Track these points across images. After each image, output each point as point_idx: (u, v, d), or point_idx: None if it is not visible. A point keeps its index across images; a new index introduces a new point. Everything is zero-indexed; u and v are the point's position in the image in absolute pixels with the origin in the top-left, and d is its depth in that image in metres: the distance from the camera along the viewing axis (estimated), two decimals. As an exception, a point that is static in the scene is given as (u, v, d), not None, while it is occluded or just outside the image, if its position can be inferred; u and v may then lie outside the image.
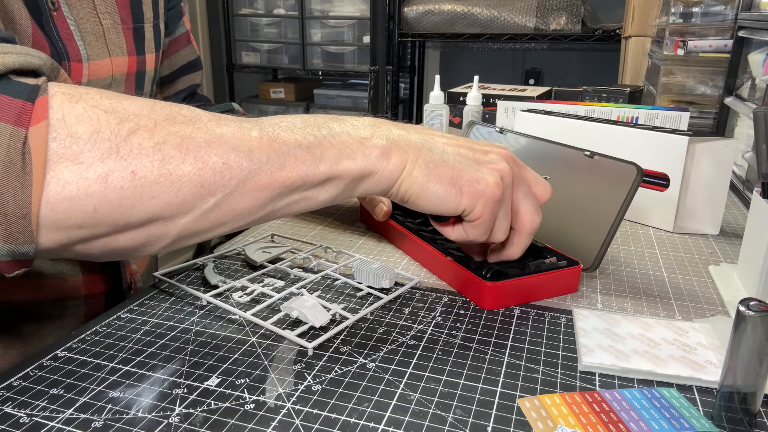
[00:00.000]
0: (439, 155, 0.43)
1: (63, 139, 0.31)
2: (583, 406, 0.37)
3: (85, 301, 0.57)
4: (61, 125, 0.31)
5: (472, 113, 1.15)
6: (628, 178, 0.54)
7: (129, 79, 0.60)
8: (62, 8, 0.52)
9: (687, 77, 1.21)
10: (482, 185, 0.43)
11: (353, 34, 2.77)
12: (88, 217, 0.32)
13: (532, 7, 2.31)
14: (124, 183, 0.32)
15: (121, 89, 0.59)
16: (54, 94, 0.32)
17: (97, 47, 0.55)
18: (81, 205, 0.32)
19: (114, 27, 0.57)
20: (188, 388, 0.38)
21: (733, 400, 0.35)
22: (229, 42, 2.99)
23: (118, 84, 0.59)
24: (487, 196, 0.43)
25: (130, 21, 0.60)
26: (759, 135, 0.52)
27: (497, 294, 0.49)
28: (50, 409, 0.36)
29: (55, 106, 0.32)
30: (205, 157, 0.34)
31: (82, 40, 0.53)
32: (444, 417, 0.36)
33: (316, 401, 0.37)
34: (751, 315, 0.33)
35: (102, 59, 0.56)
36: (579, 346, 0.43)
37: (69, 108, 0.32)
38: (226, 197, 0.35)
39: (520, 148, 0.67)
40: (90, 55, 0.54)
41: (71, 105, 0.32)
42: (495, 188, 0.43)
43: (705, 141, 0.67)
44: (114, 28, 0.57)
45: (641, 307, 0.51)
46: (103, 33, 0.56)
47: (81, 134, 0.32)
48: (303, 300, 0.47)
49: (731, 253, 0.64)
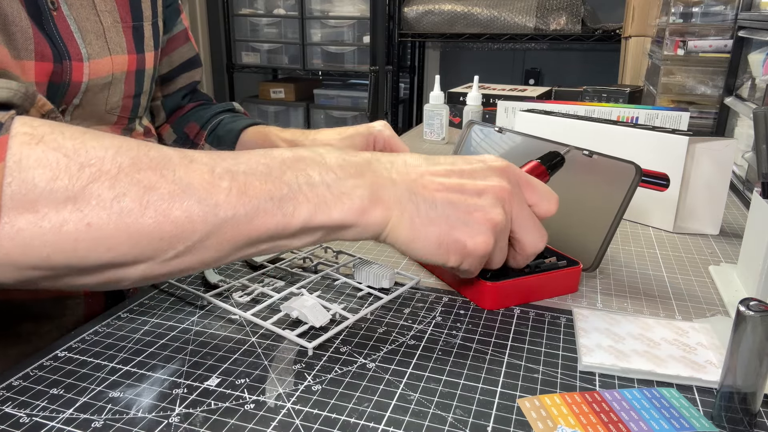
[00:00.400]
0: (426, 211, 0.40)
1: (19, 184, 0.30)
2: (583, 406, 0.37)
3: (84, 300, 0.57)
4: (18, 169, 0.31)
5: (472, 113, 1.15)
6: (627, 177, 0.54)
7: (129, 78, 0.60)
8: (62, 8, 0.52)
9: (687, 77, 1.21)
10: (470, 246, 0.40)
11: (353, 34, 2.77)
12: (43, 262, 0.32)
13: (532, 7, 2.31)
14: (79, 235, 0.31)
15: (121, 87, 0.59)
16: (15, 135, 0.31)
17: (97, 46, 0.55)
18: (35, 251, 0.31)
19: (114, 25, 0.57)
20: (188, 388, 0.38)
21: (733, 400, 0.35)
22: (229, 42, 2.99)
23: (118, 82, 0.59)
24: (475, 255, 0.41)
25: (129, 19, 0.60)
26: (759, 135, 0.52)
27: (497, 294, 0.49)
28: (50, 409, 0.36)
29: (14, 147, 0.31)
30: (167, 210, 0.33)
31: (82, 39, 0.53)
32: (444, 417, 0.36)
33: (316, 401, 0.37)
34: (751, 315, 0.33)
35: (102, 58, 0.56)
36: (579, 346, 0.43)
37: (28, 151, 0.31)
38: (189, 249, 0.35)
39: (519, 147, 0.67)
40: (90, 54, 0.54)
41: (31, 148, 0.31)
42: (484, 246, 0.41)
43: (705, 141, 0.67)
44: (114, 27, 0.57)
45: (641, 307, 0.51)
46: (103, 32, 0.56)
47: (38, 181, 0.31)
48: (303, 300, 0.47)
49: (731, 253, 0.64)
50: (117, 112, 0.60)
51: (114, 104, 0.59)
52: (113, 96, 0.59)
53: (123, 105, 0.61)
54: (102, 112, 0.58)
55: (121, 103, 0.60)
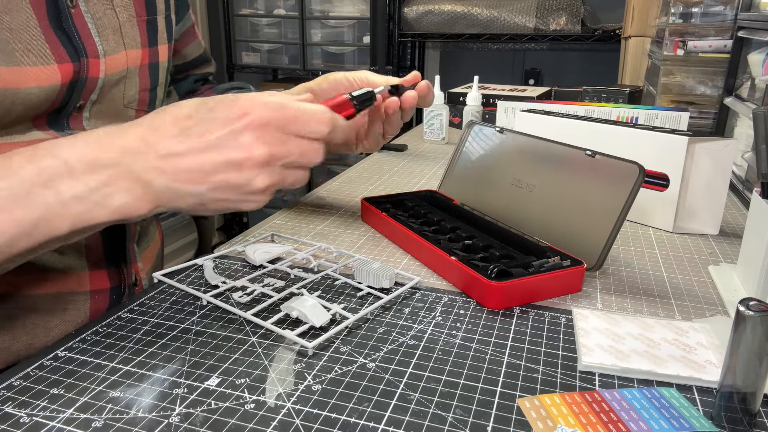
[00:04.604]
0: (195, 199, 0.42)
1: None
2: (582, 406, 0.37)
3: (90, 296, 0.57)
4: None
5: (472, 113, 1.15)
6: (631, 177, 0.54)
7: (143, 71, 0.61)
8: (80, 5, 0.52)
9: (687, 77, 1.21)
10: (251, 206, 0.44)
11: (353, 35, 2.77)
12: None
13: (532, 8, 2.31)
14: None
15: (136, 81, 0.60)
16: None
17: (113, 41, 0.55)
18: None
19: (129, 20, 0.58)
20: (188, 388, 0.38)
21: (733, 399, 0.35)
22: (229, 42, 2.99)
23: (133, 76, 0.59)
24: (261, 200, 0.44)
25: (144, 13, 0.60)
26: (759, 135, 0.52)
27: (502, 294, 0.49)
28: (50, 408, 0.36)
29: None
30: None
31: (98, 36, 0.54)
32: (444, 417, 0.36)
33: (316, 401, 0.37)
34: (751, 315, 0.33)
35: (117, 53, 0.56)
36: (579, 346, 0.43)
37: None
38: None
39: (520, 147, 0.67)
40: (106, 50, 0.54)
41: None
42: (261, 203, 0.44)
43: (705, 141, 0.67)
44: (129, 21, 0.58)
45: (641, 307, 0.51)
46: (119, 26, 0.56)
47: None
48: (303, 300, 0.47)
49: (731, 253, 0.64)
50: (135, 106, 0.61)
51: (131, 98, 0.60)
52: (129, 90, 0.59)
53: (140, 98, 0.61)
54: (120, 106, 0.59)
55: (138, 97, 0.61)
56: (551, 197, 0.62)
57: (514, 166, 0.67)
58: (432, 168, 0.99)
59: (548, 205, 0.62)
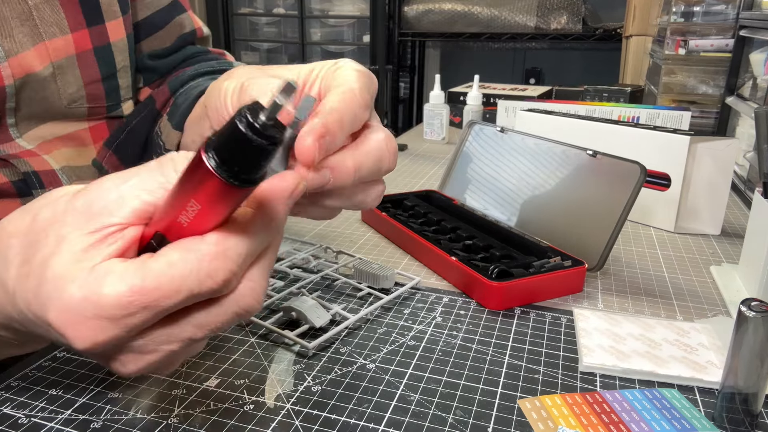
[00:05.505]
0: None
1: None
2: (583, 407, 0.37)
3: None
4: None
5: (472, 113, 1.15)
6: (632, 177, 0.54)
7: (84, 60, 0.49)
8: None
9: (688, 77, 1.21)
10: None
11: (353, 34, 2.77)
12: None
13: (533, 7, 2.31)
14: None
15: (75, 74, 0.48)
16: None
17: (21, 35, 0.44)
18: None
19: (45, 2, 0.45)
20: (187, 389, 0.38)
21: (735, 400, 0.35)
22: (228, 41, 2.99)
23: (67, 69, 0.48)
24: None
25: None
26: (760, 135, 0.52)
27: (503, 294, 0.49)
28: (49, 409, 0.36)
29: None
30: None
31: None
32: (444, 418, 0.36)
33: (316, 402, 0.37)
34: (753, 315, 0.33)
35: (28, 49, 0.45)
36: (580, 347, 0.43)
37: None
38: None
39: (521, 147, 0.67)
40: (10, 49, 0.43)
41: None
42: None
43: (706, 141, 0.67)
44: (46, 3, 0.46)
45: (642, 307, 0.51)
46: (30, 12, 0.45)
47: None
48: (303, 300, 0.47)
49: (732, 254, 0.64)
50: (84, 104, 0.50)
51: (73, 96, 0.49)
52: (67, 87, 0.48)
53: (89, 94, 0.50)
54: (61, 108, 0.49)
55: (85, 92, 0.49)
56: (552, 197, 0.62)
57: (515, 165, 0.67)
58: (432, 168, 0.99)
59: (549, 205, 0.62)
